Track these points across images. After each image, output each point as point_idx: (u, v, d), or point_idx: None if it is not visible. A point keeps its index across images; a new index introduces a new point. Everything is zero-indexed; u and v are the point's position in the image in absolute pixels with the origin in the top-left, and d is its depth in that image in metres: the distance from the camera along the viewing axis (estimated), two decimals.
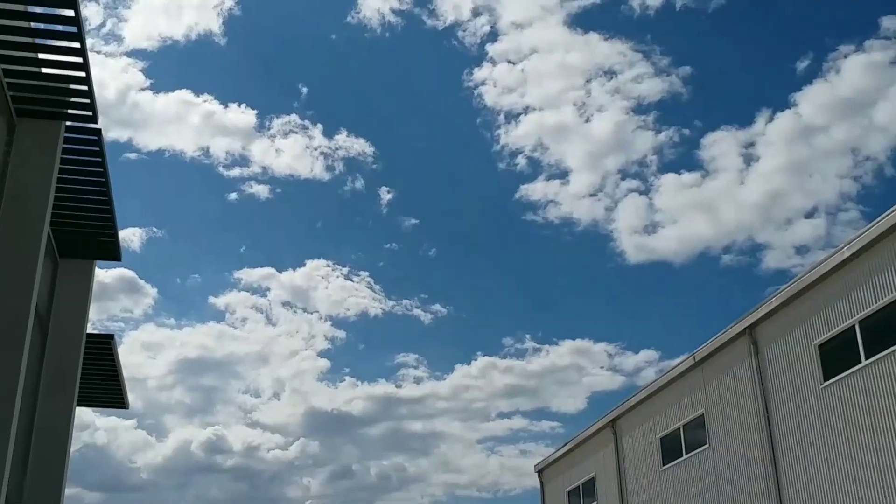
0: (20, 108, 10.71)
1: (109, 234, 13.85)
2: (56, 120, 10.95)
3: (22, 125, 10.78)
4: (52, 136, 10.88)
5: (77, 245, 14.15)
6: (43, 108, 10.75)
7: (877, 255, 16.75)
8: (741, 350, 21.18)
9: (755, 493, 20.27)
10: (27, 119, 10.79)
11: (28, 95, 10.54)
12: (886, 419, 16.31)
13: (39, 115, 10.80)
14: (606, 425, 28.58)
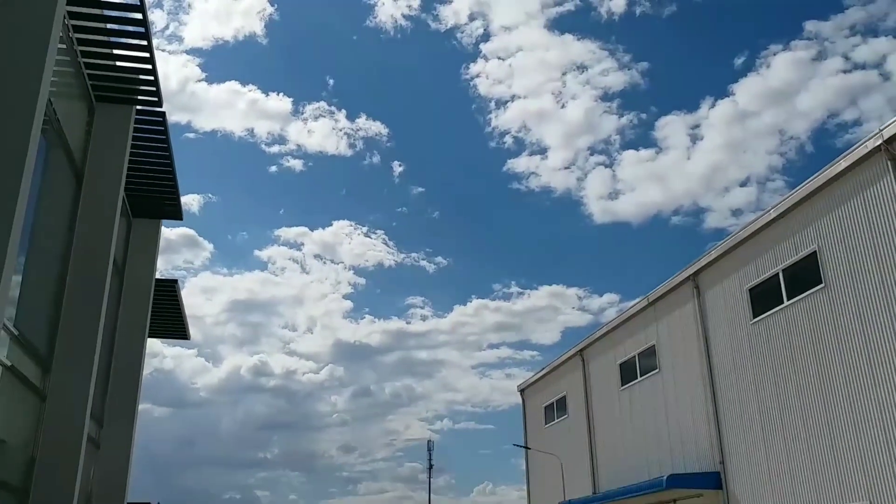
0: (98, 95, 10.71)
1: (172, 198, 13.91)
2: (128, 104, 10.96)
3: (100, 109, 10.79)
4: (125, 117, 10.90)
5: (146, 207, 14.22)
6: (117, 95, 10.77)
7: (797, 217, 16.76)
8: (686, 293, 21.19)
9: (696, 408, 20.43)
10: (104, 104, 10.80)
11: (105, 84, 10.54)
12: (802, 348, 16.45)
13: (114, 100, 10.82)
14: (576, 354, 28.64)
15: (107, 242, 10.31)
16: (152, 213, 14.43)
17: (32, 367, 9.18)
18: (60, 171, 9.79)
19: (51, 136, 9.10)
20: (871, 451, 14.34)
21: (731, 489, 18.48)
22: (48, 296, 9.74)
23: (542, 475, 31.26)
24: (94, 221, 10.28)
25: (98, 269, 10.16)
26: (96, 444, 13.13)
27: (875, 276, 14.53)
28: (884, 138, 14.19)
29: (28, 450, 9.33)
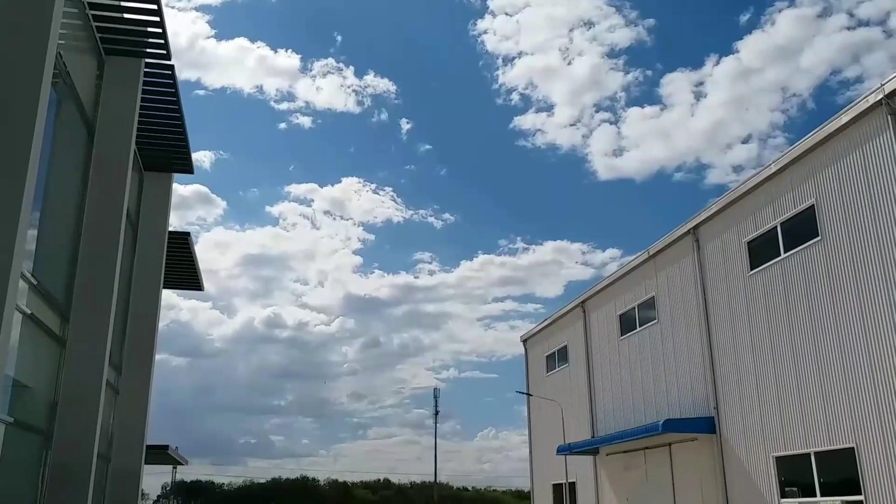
0: (108, 48, 10.55)
1: (183, 151, 13.81)
2: (137, 58, 10.80)
3: (110, 62, 10.64)
4: (135, 71, 10.76)
5: (158, 161, 14.14)
6: (126, 48, 10.60)
7: (796, 172, 16.59)
8: (686, 246, 21.13)
9: (693, 357, 20.56)
10: (114, 57, 10.65)
11: (114, 37, 10.38)
12: (797, 299, 16.45)
13: (123, 53, 10.66)
14: (578, 305, 28.74)
15: (120, 194, 10.28)
16: (164, 167, 14.35)
17: (52, 315, 9.23)
18: (72, 124, 9.70)
19: (61, 88, 8.99)
20: (857, 397, 14.43)
21: (724, 433, 18.68)
22: (64, 247, 9.75)
23: (543, 421, 31.66)
24: (107, 173, 10.22)
25: (112, 220, 10.15)
26: (115, 390, 13.29)
27: (870, 229, 14.43)
28: (885, 93, 13.95)
29: (50, 394, 9.45)
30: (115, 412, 13.30)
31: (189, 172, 14.60)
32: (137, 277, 13.91)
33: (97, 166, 10.21)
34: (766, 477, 16.99)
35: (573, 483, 28.00)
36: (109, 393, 12.39)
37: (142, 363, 13.75)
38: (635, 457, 23.22)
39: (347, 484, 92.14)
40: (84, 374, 9.65)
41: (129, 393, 13.49)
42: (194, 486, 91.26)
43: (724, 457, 18.61)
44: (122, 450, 13.14)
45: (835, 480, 15.04)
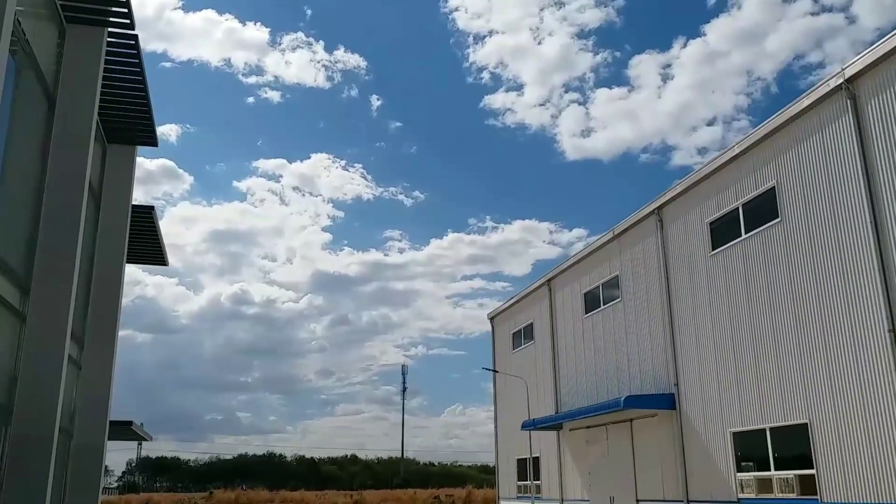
0: (70, 17, 10.27)
1: (147, 124, 13.55)
2: (100, 27, 10.53)
3: (71, 31, 10.36)
4: (97, 40, 10.49)
5: (121, 133, 13.85)
6: (88, 17, 10.32)
7: (758, 154, 16.83)
8: (650, 226, 21.36)
9: (654, 334, 20.88)
10: (76, 26, 10.37)
11: (76, 5, 10.10)
12: (757, 279, 16.77)
13: (86, 22, 10.38)
14: (544, 283, 28.95)
15: (81, 165, 10.05)
16: (127, 139, 14.06)
17: (11, 288, 9.03)
18: (32, 94, 9.44)
19: (21, 57, 8.73)
20: (811, 375, 14.81)
21: (684, 409, 19.06)
22: (24, 219, 9.52)
23: (509, 397, 31.97)
24: (69, 145, 9.98)
25: (73, 192, 9.93)
26: (78, 365, 13.09)
27: (828, 211, 14.73)
28: (845, 77, 14.18)
29: (9, 369, 9.27)
30: (77, 387, 13.12)
31: (153, 145, 14.32)
32: (100, 251, 13.66)
33: (58, 137, 9.96)
34: (723, 452, 17.39)
35: (537, 458, 28.40)
36: (71, 368, 12.20)
37: (105, 338, 13.54)
38: (597, 432, 23.59)
39: (314, 460, 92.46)
40: (45, 348, 9.48)
41: (91, 368, 13.29)
42: (160, 462, 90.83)
43: (684, 432, 19.00)
44: (84, 425, 12.98)
45: (788, 455, 15.46)
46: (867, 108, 13.89)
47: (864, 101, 13.96)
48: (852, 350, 13.93)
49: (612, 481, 22.42)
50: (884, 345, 13.20)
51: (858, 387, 13.73)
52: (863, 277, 13.79)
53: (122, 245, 13.96)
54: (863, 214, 13.83)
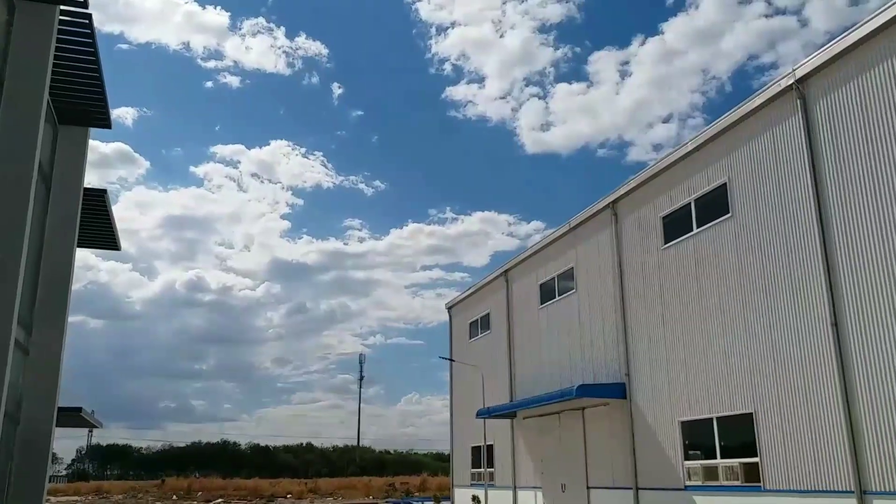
0: None
1: (101, 105, 13.17)
2: (52, 4, 10.19)
3: (21, 7, 10.01)
4: (48, 18, 10.14)
5: (73, 114, 13.44)
6: None
7: (711, 150, 17.12)
8: (605, 220, 21.59)
9: (607, 325, 21.15)
10: (26, 2, 10.01)
11: None
12: (707, 273, 17.08)
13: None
14: (501, 274, 29.08)
15: (31, 145, 9.72)
16: (80, 121, 13.64)
17: None
18: None
19: None
20: (758, 366, 15.18)
21: (634, 399, 19.37)
22: None
23: (465, 386, 32.11)
24: (17, 124, 9.64)
25: (22, 173, 9.60)
26: (25, 350, 12.72)
27: (776, 208, 15.07)
28: (796, 78, 14.49)
29: None
30: (24, 373, 12.75)
31: (107, 127, 13.93)
32: (50, 234, 13.27)
33: (6, 117, 9.62)
34: (671, 440, 17.73)
35: (491, 446, 28.59)
36: (18, 353, 11.85)
37: (54, 323, 13.17)
38: (550, 420, 23.85)
39: (269, 448, 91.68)
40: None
41: (39, 353, 12.92)
42: (111, 449, 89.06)
43: (634, 421, 19.32)
44: (31, 412, 12.62)
45: (734, 444, 15.83)
46: (816, 109, 14.23)
47: (813, 102, 14.29)
48: (797, 343, 14.31)
49: (563, 469, 22.71)
50: (826, 338, 13.58)
51: (801, 378, 14.11)
52: (808, 273, 14.16)
53: (72, 229, 13.58)
54: (809, 212, 14.18)
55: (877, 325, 12.61)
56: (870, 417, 12.58)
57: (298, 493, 51.22)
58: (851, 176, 13.35)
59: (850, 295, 13.18)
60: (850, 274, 13.22)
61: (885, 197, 12.66)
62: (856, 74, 13.40)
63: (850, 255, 13.27)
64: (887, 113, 12.75)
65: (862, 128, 13.22)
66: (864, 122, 13.18)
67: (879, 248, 12.70)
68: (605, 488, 20.44)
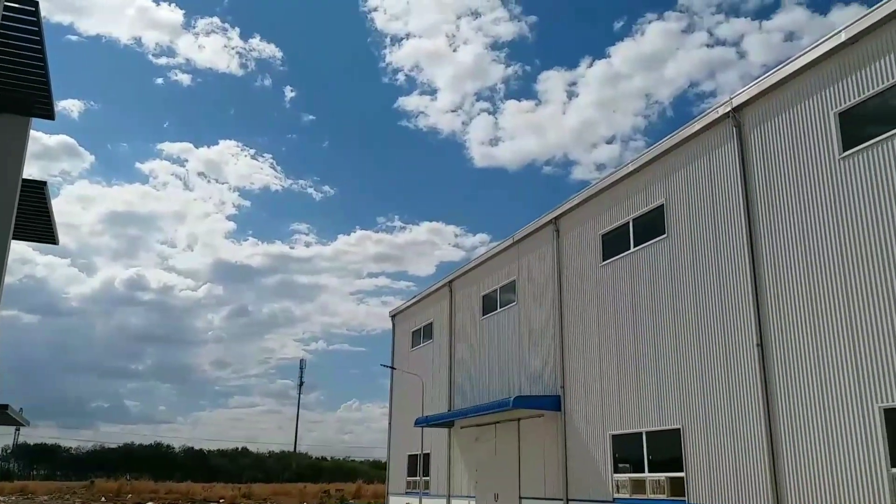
0: None
1: (43, 94, 12.86)
2: None
3: None
4: None
5: (15, 102, 13.08)
6: None
7: (650, 173, 17.59)
8: (547, 235, 21.93)
9: (545, 338, 21.43)
10: None
11: None
12: (642, 291, 17.51)
13: None
14: (445, 284, 29.23)
15: None
16: (21, 110, 13.28)
17: None
18: None
19: None
20: (687, 382, 15.62)
21: (569, 411, 19.69)
22: None
23: (405, 394, 32.08)
24: None
25: None
26: None
27: (710, 231, 15.58)
28: (732, 106, 15.05)
29: None
30: None
31: (50, 118, 13.59)
32: None
33: None
34: (602, 453, 18.07)
35: (428, 454, 28.61)
36: None
37: None
38: (487, 430, 24.02)
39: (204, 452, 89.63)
40: None
41: None
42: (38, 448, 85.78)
43: (567, 433, 19.62)
44: None
45: (661, 458, 16.23)
46: (750, 137, 14.80)
47: (748, 130, 14.86)
48: (724, 361, 14.79)
49: (497, 479, 22.88)
50: (752, 358, 14.08)
51: (727, 396, 14.58)
52: (737, 295, 14.66)
53: (8, 220, 13.18)
54: (740, 236, 14.71)
55: (799, 348, 13.14)
56: (789, 437, 13.08)
57: (231, 498, 50.26)
58: (780, 203, 13.91)
59: (775, 317, 13.71)
60: (776, 298, 13.75)
61: (809, 225, 13.23)
62: (787, 106, 14.00)
63: (776, 279, 13.81)
64: (814, 144, 13.35)
65: (791, 157, 13.81)
66: (794, 151, 13.76)
67: (803, 274, 13.25)
68: (536, 499, 20.68)
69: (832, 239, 12.77)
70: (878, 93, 12.30)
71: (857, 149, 12.53)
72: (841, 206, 12.69)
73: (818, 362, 12.70)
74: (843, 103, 12.90)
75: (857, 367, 12.01)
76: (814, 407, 12.66)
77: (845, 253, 12.50)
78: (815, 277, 12.99)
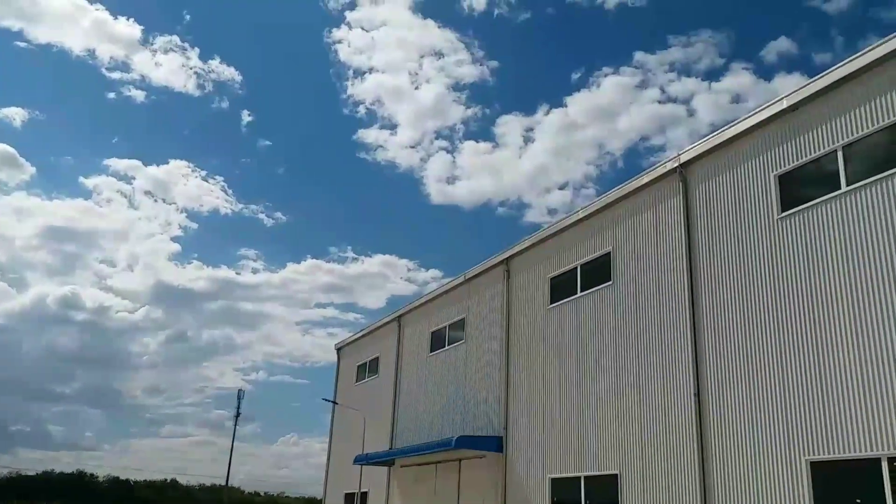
0: None
1: None
2: None
3: None
4: None
5: None
6: None
7: (599, 221, 18.20)
8: (498, 275, 22.36)
9: (491, 378, 21.69)
10: None
11: None
12: (585, 335, 17.96)
13: None
14: (394, 319, 29.34)
15: None
16: None
17: None
18: None
19: None
20: (625, 428, 16.03)
21: (510, 453, 19.91)
22: None
23: (347, 430, 31.87)
24: None
25: None
26: None
27: (653, 281, 16.17)
28: (680, 162, 15.78)
29: None
30: None
31: None
32: None
33: None
34: (541, 496, 18.30)
35: (365, 493, 28.40)
36: None
37: None
38: (427, 470, 24.04)
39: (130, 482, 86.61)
40: None
41: None
42: None
43: (507, 475, 19.81)
44: None
45: (599, 503, 16.52)
46: (695, 192, 15.51)
47: (694, 186, 15.58)
48: (662, 409, 15.25)
49: None
50: (689, 407, 14.57)
51: (664, 444, 15.01)
52: (677, 345, 15.21)
53: None
54: (682, 288, 15.31)
55: (734, 400, 13.67)
56: (721, 486, 13.54)
57: None
58: (721, 258, 14.57)
59: (713, 369, 14.26)
60: (714, 350, 14.32)
61: (748, 281, 13.89)
62: (731, 166, 14.76)
63: (714, 332, 14.40)
64: (755, 204, 14.09)
65: (733, 215, 14.52)
66: (736, 209, 14.48)
67: (741, 328, 13.86)
68: None
69: (768, 296, 13.42)
70: (814, 159, 13.11)
71: (794, 210, 13.28)
72: (778, 264, 13.38)
73: (751, 415, 13.24)
74: (782, 166, 13.69)
75: (787, 421, 12.57)
76: (745, 457, 13.16)
77: (780, 310, 13.14)
78: (752, 332, 13.60)
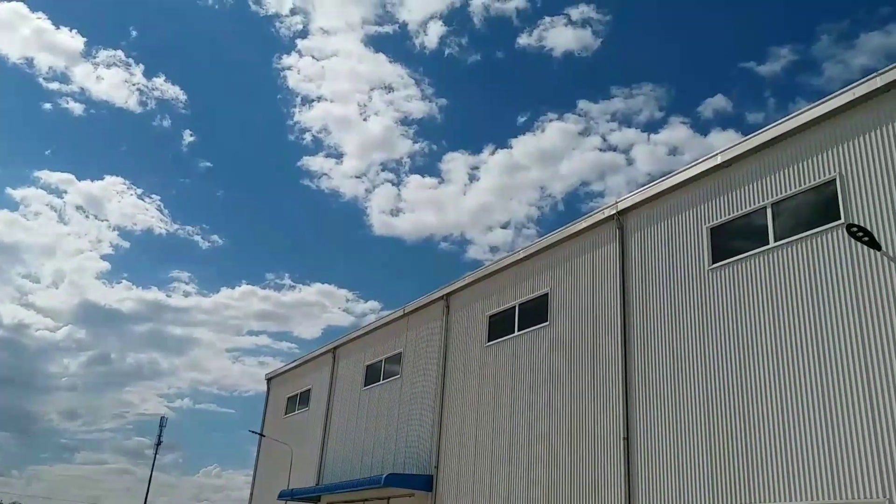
0: None
1: None
2: None
3: None
4: None
5: None
6: None
7: (538, 262, 18.65)
8: (437, 310, 22.54)
9: (424, 415, 21.75)
10: None
11: None
12: (521, 374, 18.24)
13: None
14: (329, 350, 29.11)
15: None
16: None
17: None
18: None
19: None
20: (557, 471, 16.28)
21: (440, 492, 19.92)
22: None
23: (272, 464, 31.29)
24: None
25: None
26: None
27: (588, 324, 16.61)
28: (617, 209, 16.35)
29: None
30: None
31: None
32: None
33: None
34: None
35: None
36: None
37: None
38: None
39: None
40: None
41: None
42: None
43: None
44: None
45: None
46: (631, 240, 16.08)
47: (630, 233, 16.15)
48: (592, 453, 15.57)
49: None
50: (618, 451, 14.92)
51: (593, 486, 15.30)
52: (608, 388, 15.61)
53: None
54: (615, 332, 15.77)
55: (661, 445, 14.08)
56: None
57: None
58: (653, 305, 15.10)
59: (642, 413, 14.68)
60: (643, 394, 14.76)
61: (678, 328, 14.43)
62: (666, 216, 15.39)
63: (644, 377, 14.86)
64: (687, 254, 14.71)
65: (666, 263, 15.11)
66: (669, 258, 15.08)
67: (669, 375, 14.35)
68: None
69: (697, 344, 13.96)
70: (745, 214, 13.80)
71: (724, 262, 13.91)
72: (707, 314, 13.95)
73: (678, 461, 13.66)
74: (714, 219, 14.36)
75: (711, 468, 13.01)
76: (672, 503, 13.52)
77: (707, 358, 13.68)
78: (680, 379, 14.09)
